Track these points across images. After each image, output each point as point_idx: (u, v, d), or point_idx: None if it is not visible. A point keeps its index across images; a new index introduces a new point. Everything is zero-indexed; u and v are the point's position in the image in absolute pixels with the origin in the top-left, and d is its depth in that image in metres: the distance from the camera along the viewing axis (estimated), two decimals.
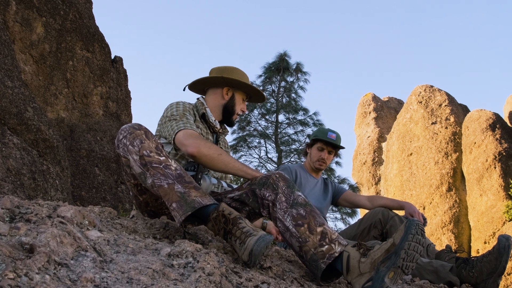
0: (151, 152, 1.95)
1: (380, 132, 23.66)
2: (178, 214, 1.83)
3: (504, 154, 17.56)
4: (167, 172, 1.92)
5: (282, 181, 2.04)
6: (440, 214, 18.26)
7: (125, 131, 2.02)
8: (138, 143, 1.97)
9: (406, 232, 1.71)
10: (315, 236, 1.87)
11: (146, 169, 1.93)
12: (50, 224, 1.50)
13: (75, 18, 9.55)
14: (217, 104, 2.62)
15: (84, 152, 8.62)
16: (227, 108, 2.62)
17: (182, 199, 1.84)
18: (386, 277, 1.69)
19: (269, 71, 16.69)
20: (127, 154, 1.99)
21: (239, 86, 2.62)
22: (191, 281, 1.43)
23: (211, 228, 1.86)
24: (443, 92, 21.09)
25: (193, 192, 1.88)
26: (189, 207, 1.82)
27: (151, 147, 1.97)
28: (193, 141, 2.20)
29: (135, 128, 2.01)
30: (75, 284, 1.21)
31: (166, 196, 1.88)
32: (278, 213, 1.97)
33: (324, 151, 3.57)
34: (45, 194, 5.99)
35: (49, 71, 8.64)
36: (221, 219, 1.81)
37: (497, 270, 2.35)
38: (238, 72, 2.63)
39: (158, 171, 1.91)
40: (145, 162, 1.93)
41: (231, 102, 2.62)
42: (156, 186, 1.90)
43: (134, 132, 1.99)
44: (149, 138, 2.00)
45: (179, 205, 1.84)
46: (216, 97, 2.62)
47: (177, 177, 1.91)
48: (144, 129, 2.02)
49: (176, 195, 1.86)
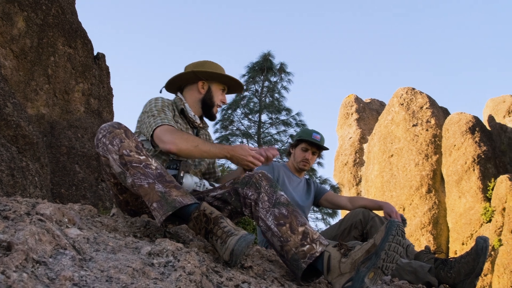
0: (131, 152, 1.93)
1: (361, 134, 23.84)
2: (158, 214, 1.81)
3: (482, 157, 17.84)
4: (147, 171, 1.90)
5: (264, 180, 2.04)
6: (419, 215, 18.48)
7: (105, 130, 1.99)
8: (117, 142, 1.94)
9: (387, 233, 1.73)
10: (296, 236, 1.87)
11: (126, 169, 1.91)
12: (29, 222, 1.48)
13: (57, 13, 9.43)
14: (195, 99, 2.60)
15: (65, 149, 8.52)
16: (205, 102, 2.60)
17: (162, 198, 1.83)
18: (366, 278, 1.70)
19: (252, 71, 16.70)
20: (107, 153, 1.96)
21: (213, 78, 2.60)
22: (171, 280, 1.42)
23: (192, 228, 1.85)
24: (425, 95, 21.34)
25: (174, 192, 1.86)
26: (170, 206, 1.81)
27: (131, 146, 1.95)
28: (170, 137, 2.18)
29: (115, 127, 1.99)
30: (53, 282, 1.20)
31: (146, 196, 1.86)
32: (260, 212, 1.97)
33: (308, 151, 3.59)
34: (23, 191, 5.90)
35: (29, 66, 8.52)
36: (202, 218, 1.80)
37: (474, 271, 2.38)
38: (210, 64, 2.61)
39: (138, 171, 1.89)
40: (125, 162, 1.91)
41: (208, 95, 2.60)
42: (136, 186, 1.89)
43: (113, 131, 1.97)
44: (129, 137, 1.98)
45: (160, 205, 1.82)
46: (192, 93, 2.61)
47: (157, 177, 1.90)
48: (123, 128, 2.00)
49: (156, 194, 1.84)
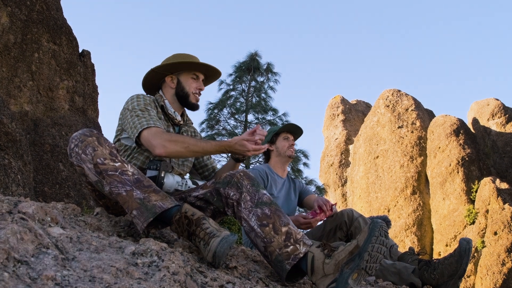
0: (105, 159, 1.90)
1: (347, 135, 23.97)
2: (139, 222, 1.80)
3: (467, 159, 18.05)
4: (124, 178, 1.87)
5: (246, 179, 2.03)
6: (404, 217, 18.63)
7: (76, 139, 1.95)
8: (90, 151, 1.91)
9: (370, 234, 1.74)
10: (280, 237, 1.86)
11: (102, 177, 1.88)
12: (11, 220, 1.45)
13: (42, 9, 9.33)
14: (171, 95, 2.57)
15: (48, 147, 8.43)
16: (179, 94, 2.56)
17: (142, 205, 1.81)
18: (350, 279, 1.70)
19: (239, 70, 16.70)
20: (81, 163, 1.93)
21: (177, 69, 2.56)
22: (155, 280, 1.41)
23: (174, 230, 1.84)
24: (410, 97, 21.53)
25: (153, 196, 1.84)
26: (150, 213, 1.79)
27: (105, 154, 1.92)
28: (159, 141, 2.16)
29: (86, 135, 1.95)
30: (35, 282, 1.18)
31: (125, 203, 1.84)
32: (243, 213, 1.96)
33: (290, 138, 3.63)
34: (6, 189, 5.83)
35: (13, 62, 8.42)
36: (184, 221, 1.79)
37: (457, 273, 2.41)
38: (176, 57, 2.58)
39: (114, 179, 1.87)
40: (100, 170, 1.88)
41: (179, 86, 2.55)
42: (114, 194, 1.86)
43: (85, 140, 1.94)
44: (102, 144, 1.94)
45: (140, 212, 1.80)
46: (167, 89, 2.58)
47: (135, 182, 1.87)
48: (95, 135, 1.97)
49: (135, 202, 1.82)
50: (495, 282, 14.93)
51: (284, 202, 3.50)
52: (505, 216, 15.74)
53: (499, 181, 17.16)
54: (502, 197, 16.35)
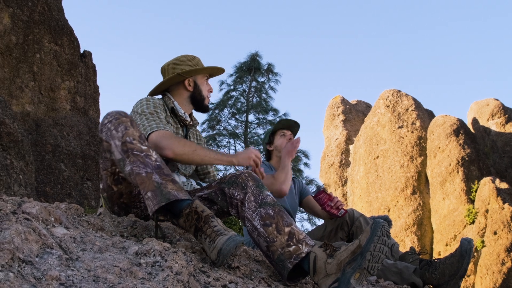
0: (134, 140, 1.95)
1: (348, 135, 23.96)
2: (152, 203, 1.82)
3: (466, 159, 18.04)
4: (147, 161, 1.91)
5: (251, 180, 2.05)
6: (404, 217, 18.62)
7: (111, 116, 2.01)
8: (122, 129, 1.96)
9: (372, 234, 1.75)
10: (282, 236, 1.88)
11: (126, 156, 1.92)
12: (15, 221, 1.46)
13: (44, 10, 9.34)
14: (184, 97, 2.61)
15: (50, 147, 8.44)
16: (195, 97, 2.62)
17: (158, 189, 1.83)
18: (352, 278, 1.72)
19: (240, 71, 16.72)
20: (110, 138, 1.98)
21: (196, 72, 2.62)
22: (159, 280, 1.42)
23: (182, 224, 1.85)
24: (410, 97, 21.51)
25: (170, 185, 1.86)
26: (164, 198, 1.81)
27: (134, 135, 1.96)
28: (167, 143, 2.19)
29: (121, 115, 2.01)
30: (39, 282, 1.19)
31: (142, 184, 1.86)
32: (247, 213, 1.98)
33: (287, 135, 3.58)
34: (8, 189, 5.84)
35: (15, 63, 8.43)
36: (193, 215, 1.80)
37: (458, 272, 2.41)
38: (188, 60, 2.63)
39: (138, 159, 1.90)
40: (126, 149, 1.92)
41: (197, 90, 2.61)
42: (134, 174, 1.89)
43: (120, 118, 1.99)
44: (134, 127, 1.99)
45: (154, 195, 1.82)
46: (180, 92, 2.61)
47: (156, 168, 1.90)
48: (130, 118, 2.02)
49: (152, 184, 1.84)
50: (495, 282, 14.93)
51: (288, 200, 3.45)
52: (504, 216, 15.74)
53: (498, 181, 17.16)
54: (502, 197, 16.35)
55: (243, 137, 16.15)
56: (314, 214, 3.53)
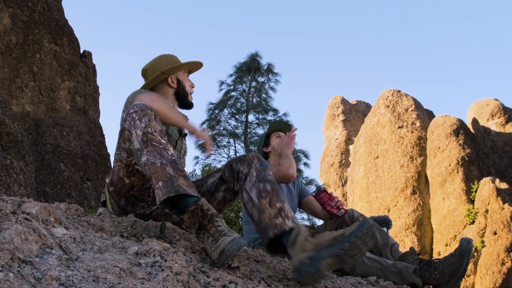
0: (155, 132, 2.02)
1: (348, 135, 23.98)
2: (161, 193, 1.85)
3: (466, 159, 18.06)
4: (163, 153, 1.96)
5: (257, 159, 2.20)
6: (404, 217, 18.64)
7: (138, 107, 2.08)
8: (146, 120, 2.03)
9: (357, 229, 1.79)
10: (273, 210, 1.99)
11: (145, 146, 1.98)
12: (15, 221, 1.47)
13: (44, 10, 9.34)
14: (170, 94, 2.68)
15: (50, 147, 8.44)
16: (179, 94, 2.69)
17: (169, 180, 1.87)
18: (324, 261, 1.76)
19: (240, 71, 16.72)
20: (132, 128, 2.04)
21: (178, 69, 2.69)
22: (159, 280, 1.42)
23: (186, 220, 1.86)
24: (410, 97, 21.53)
25: (182, 180, 1.90)
26: (174, 189, 1.85)
27: (156, 128, 2.04)
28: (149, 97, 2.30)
29: (147, 108, 2.09)
30: (39, 282, 1.19)
31: (155, 173, 1.90)
32: (247, 185, 2.12)
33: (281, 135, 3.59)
34: (8, 189, 5.84)
35: (15, 63, 8.43)
36: (199, 213, 1.82)
37: (458, 272, 2.42)
38: (168, 58, 2.72)
39: (156, 150, 1.96)
40: (146, 139, 1.98)
41: (180, 86, 2.69)
42: (149, 164, 1.93)
43: (145, 110, 2.07)
44: (157, 121, 2.08)
45: (165, 185, 1.86)
46: (165, 90, 2.68)
47: (171, 162, 1.95)
48: (154, 112, 2.11)
49: (165, 175, 1.89)
50: (495, 282, 14.94)
51: (287, 200, 3.46)
52: (504, 216, 15.75)
53: (498, 181, 17.17)
54: (502, 197, 16.36)
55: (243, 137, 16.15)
56: (314, 214, 3.52)
